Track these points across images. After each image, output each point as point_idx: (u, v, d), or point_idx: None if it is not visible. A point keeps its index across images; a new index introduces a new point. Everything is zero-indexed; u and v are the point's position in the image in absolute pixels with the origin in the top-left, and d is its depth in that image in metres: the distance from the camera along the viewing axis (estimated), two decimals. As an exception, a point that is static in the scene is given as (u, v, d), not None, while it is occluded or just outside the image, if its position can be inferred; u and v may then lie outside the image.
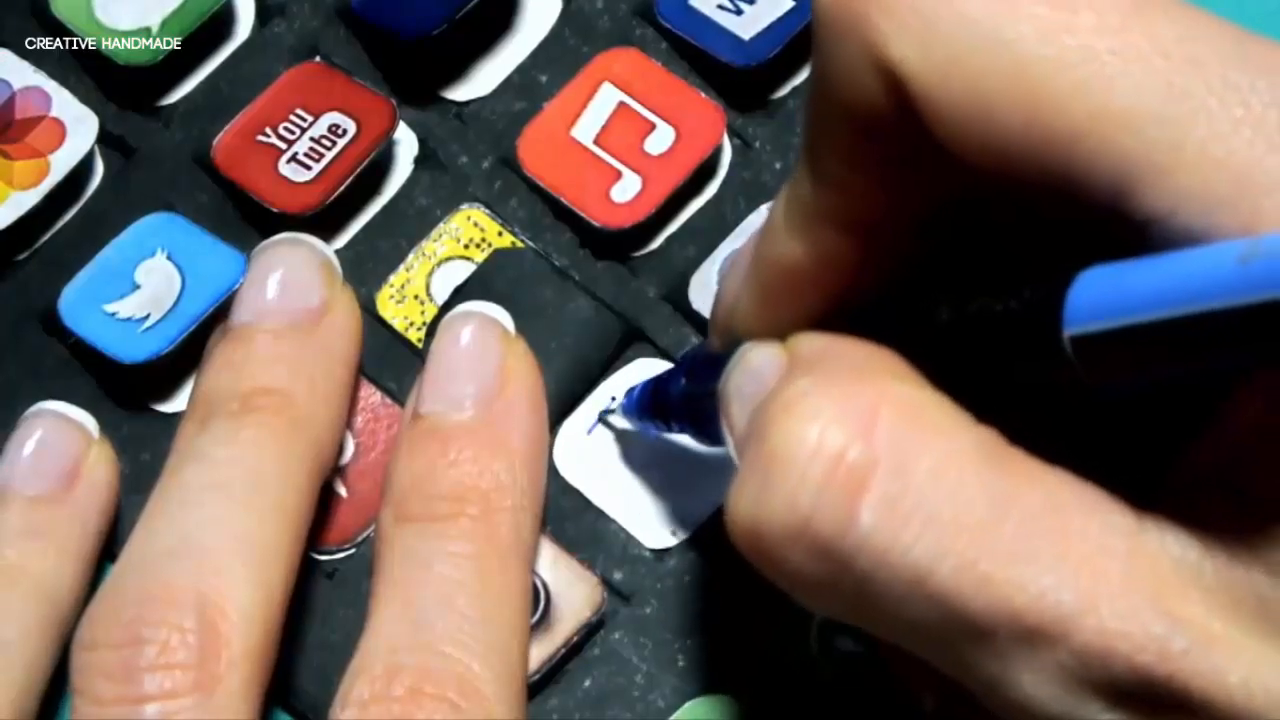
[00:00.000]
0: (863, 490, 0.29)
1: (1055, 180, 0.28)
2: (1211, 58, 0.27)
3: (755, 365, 0.32)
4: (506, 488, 0.37)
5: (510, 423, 0.38)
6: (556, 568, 0.39)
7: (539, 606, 0.38)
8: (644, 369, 0.41)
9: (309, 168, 0.42)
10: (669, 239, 0.42)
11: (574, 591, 0.39)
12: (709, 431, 0.35)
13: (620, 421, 0.40)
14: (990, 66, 0.28)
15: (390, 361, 0.41)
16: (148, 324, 0.40)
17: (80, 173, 0.42)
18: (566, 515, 0.40)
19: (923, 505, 0.28)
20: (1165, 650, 0.28)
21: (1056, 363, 0.28)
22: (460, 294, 0.41)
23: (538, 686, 0.39)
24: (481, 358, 0.39)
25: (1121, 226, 0.28)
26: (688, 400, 0.36)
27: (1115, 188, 0.27)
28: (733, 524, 0.30)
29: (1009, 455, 0.29)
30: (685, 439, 0.38)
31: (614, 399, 0.41)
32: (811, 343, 0.32)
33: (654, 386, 0.38)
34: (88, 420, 0.40)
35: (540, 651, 0.38)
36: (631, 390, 0.39)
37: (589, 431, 0.41)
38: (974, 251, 0.32)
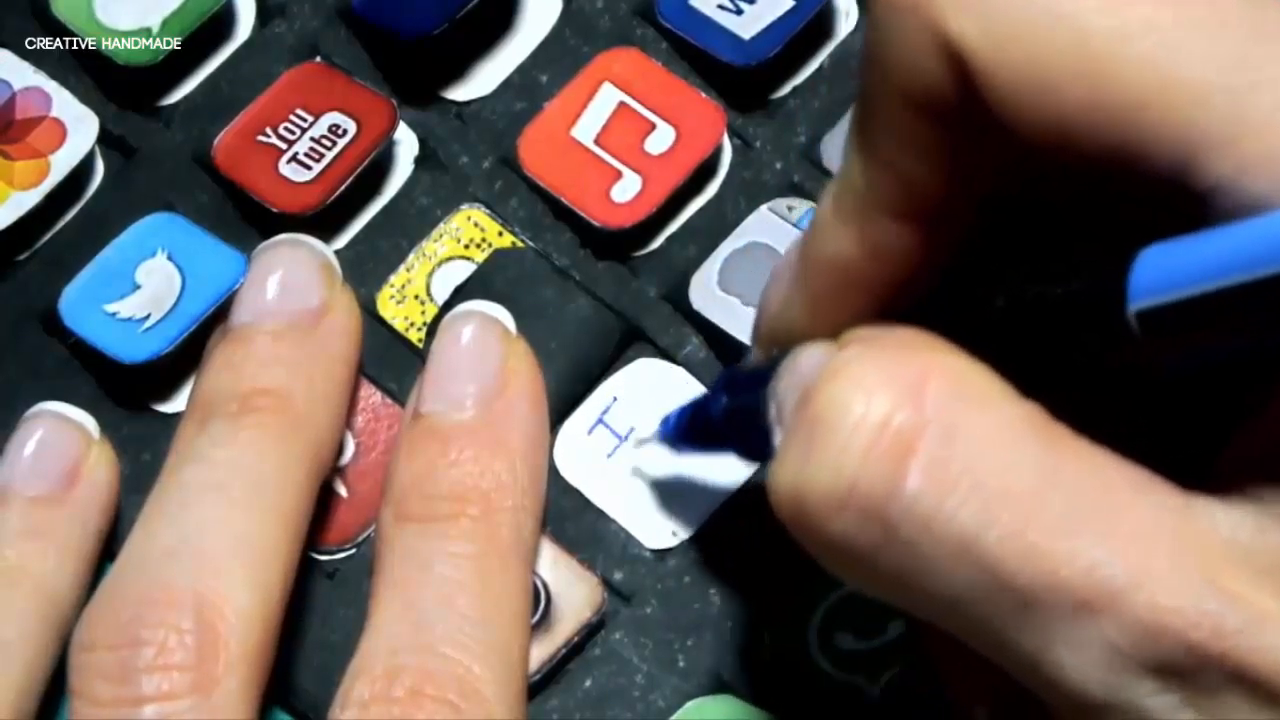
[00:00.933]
0: (910, 454, 0.28)
1: (1118, 153, 0.28)
2: (1273, 28, 0.27)
3: (808, 363, 0.32)
4: (507, 487, 0.37)
5: (511, 422, 0.38)
6: (556, 568, 0.39)
7: (539, 606, 0.38)
8: (644, 369, 0.41)
9: (309, 168, 0.42)
10: (669, 239, 0.42)
11: (574, 592, 0.39)
12: (757, 446, 0.34)
13: (656, 448, 0.40)
14: (1051, 39, 0.28)
15: (390, 361, 0.41)
16: (148, 324, 0.40)
17: (80, 173, 0.42)
18: (566, 515, 0.40)
19: (970, 471, 0.28)
20: (1219, 627, 0.27)
21: (1122, 342, 0.28)
22: (460, 293, 0.41)
23: (538, 686, 0.39)
24: (482, 357, 0.39)
25: (1183, 200, 0.27)
26: (732, 417, 0.36)
27: (1180, 158, 0.27)
28: (775, 492, 0.30)
29: (1057, 430, 0.29)
30: (728, 458, 0.38)
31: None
32: (862, 331, 0.31)
33: (692, 410, 0.38)
34: (88, 421, 0.40)
35: (540, 652, 0.38)
36: (666, 418, 0.39)
37: (589, 431, 0.41)
38: (1025, 238, 0.32)
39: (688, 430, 0.38)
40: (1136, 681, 0.28)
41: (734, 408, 0.36)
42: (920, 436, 0.28)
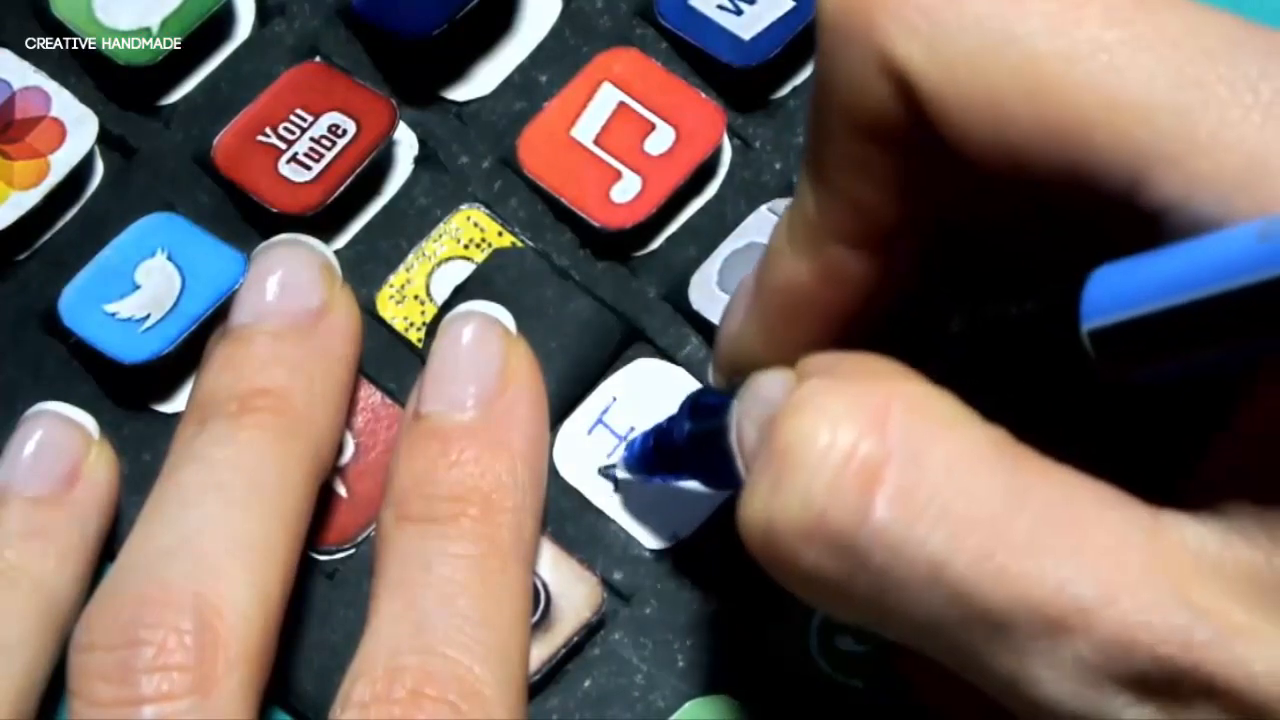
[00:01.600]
0: (877, 483, 0.28)
1: (1068, 174, 0.28)
2: (1219, 47, 0.27)
3: (765, 388, 0.32)
4: (508, 488, 0.37)
5: (512, 423, 0.38)
6: (556, 568, 0.39)
7: (539, 607, 0.38)
8: (644, 369, 0.41)
9: (309, 168, 0.42)
10: (669, 239, 0.42)
11: (574, 592, 0.39)
12: (719, 472, 0.35)
13: (623, 473, 0.40)
14: (999, 62, 0.28)
15: (390, 361, 0.41)
16: (148, 324, 0.40)
17: (80, 173, 0.42)
18: (566, 515, 0.40)
19: (937, 497, 0.28)
20: (1189, 641, 0.27)
21: (1076, 362, 0.28)
22: (460, 293, 0.41)
23: (538, 687, 0.39)
24: (483, 358, 0.39)
25: (1133, 221, 0.28)
26: (694, 442, 0.36)
27: (1129, 178, 0.27)
28: (745, 526, 0.30)
29: (1021, 452, 0.29)
30: (693, 485, 0.38)
31: (611, 457, 0.40)
32: (821, 358, 0.32)
33: (655, 435, 0.38)
34: (88, 421, 0.40)
35: (540, 652, 0.38)
36: (632, 443, 0.39)
37: (589, 432, 0.41)
38: (980, 263, 0.32)
39: (652, 456, 0.38)
40: (1112, 696, 0.28)
41: (697, 432, 0.36)
42: (886, 465, 0.29)
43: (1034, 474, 0.29)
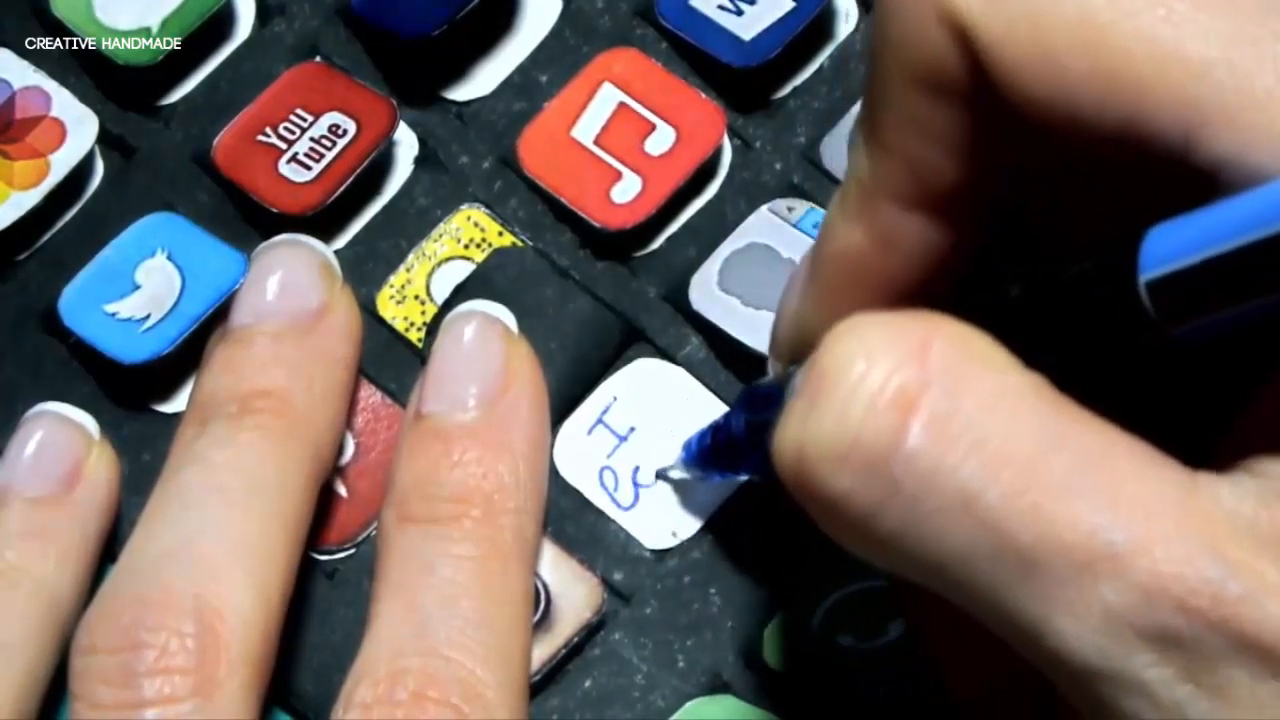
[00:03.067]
0: (912, 409, 0.28)
1: (1122, 130, 0.28)
2: (1276, 3, 0.27)
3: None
4: (509, 489, 0.37)
5: (513, 423, 0.38)
6: (557, 568, 0.39)
7: (539, 607, 0.38)
8: (644, 369, 0.41)
9: (309, 168, 0.42)
10: (669, 239, 0.42)
11: (574, 592, 0.39)
12: None
13: (681, 474, 0.40)
14: (1056, 15, 0.28)
15: (390, 361, 0.41)
16: (148, 324, 0.40)
17: (80, 173, 0.42)
18: (566, 515, 0.40)
19: (974, 429, 0.28)
20: (1220, 594, 0.27)
21: (1134, 315, 0.28)
22: (461, 292, 0.41)
23: (538, 687, 0.39)
24: (484, 357, 0.39)
25: (1188, 180, 0.28)
26: (752, 434, 0.36)
27: (1184, 134, 0.27)
28: (778, 451, 0.30)
29: (1061, 399, 0.29)
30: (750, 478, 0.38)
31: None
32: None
33: (712, 432, 0.38)
34: (88, 421, 0.40)
35: (541, 652, 0.38)
36: (689, 442, 0.39)
37: (589, 432, 0.41)
38: (1033, 229, 0.32)
39: (710, 452, 0.38)
40: (1135, 652, 0.28)
41: (754, 424, 0.35)
42: (923, 394, 0.28)
43: (1073, 421, 0.29)
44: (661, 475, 0.40)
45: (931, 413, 0.28)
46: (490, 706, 0.35)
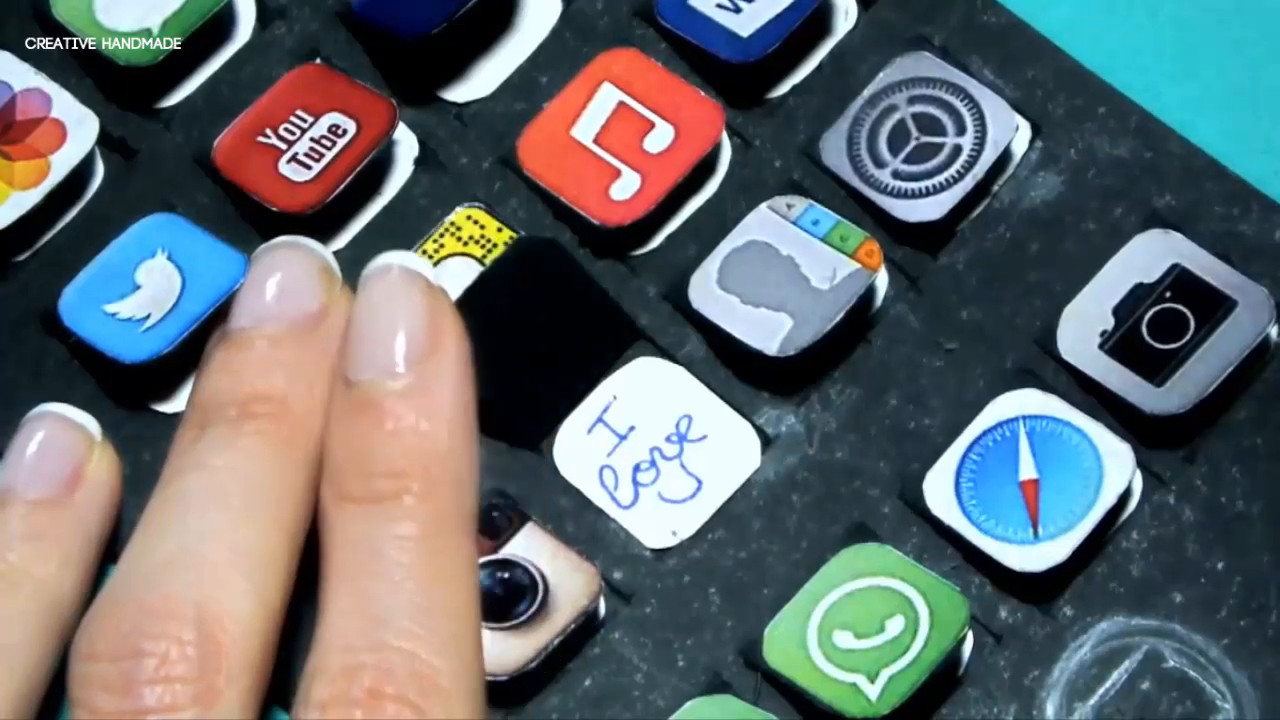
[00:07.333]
0: None
1: None
2: None
3: None
4: (445, 458, 0.36)
5: (443, 386, 0.37)
6: (554, 559, 0.39)
7: (536, 598, 0.38)
8: (644, 368, 0.41)
9: (309, 168, 0.42)
10: (669, 238, 0.42)
11: (571, 581, 0.39)
12: None
13: None
14: None
15: (390, 361, 0.41)
16: (148, 324, 0.40)
17: (81, 173, 0.42)
18: (566, 515, 0.40)
19: None
20: None
21: None
22: (484, 280, 0.41)
23: (537, 684, 0.39)
24: (407, 314, 0.37)
25: None
26: None
27: None
28: None
29: None
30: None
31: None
32: None
33: None
34: (90, 422, 0.40)
35: (538, 639, 0.38)
36: None
37: (589, 431, 0.41)
38: None
39: None
40: None
41: None
42: None
43: None
44: None
45: None
46: (447, 696, 0.34)
